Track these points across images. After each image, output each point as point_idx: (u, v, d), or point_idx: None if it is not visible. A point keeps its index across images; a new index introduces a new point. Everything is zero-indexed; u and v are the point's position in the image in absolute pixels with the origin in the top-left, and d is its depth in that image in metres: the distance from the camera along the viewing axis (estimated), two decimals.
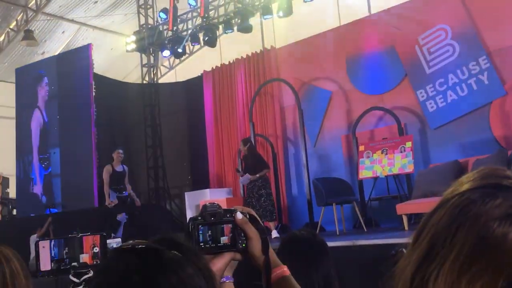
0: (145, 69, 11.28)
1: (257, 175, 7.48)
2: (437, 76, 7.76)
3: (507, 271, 0.51)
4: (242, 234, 0.87)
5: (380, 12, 8.47)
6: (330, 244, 5.66)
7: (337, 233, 6.72)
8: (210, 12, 9.65)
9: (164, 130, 10.91)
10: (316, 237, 1.94)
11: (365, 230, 6.81)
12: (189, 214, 9.20)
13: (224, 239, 0.85)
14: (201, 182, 10.07)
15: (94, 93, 9.43)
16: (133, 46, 10.84)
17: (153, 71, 11.32)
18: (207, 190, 9.09)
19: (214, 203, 0.89)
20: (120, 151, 8.34)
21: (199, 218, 0.86)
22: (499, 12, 7.19)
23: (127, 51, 10.98)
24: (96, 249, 1.64)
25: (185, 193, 9.51)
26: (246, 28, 9.13)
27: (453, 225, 0.56)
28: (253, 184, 7.52)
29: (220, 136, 10.26)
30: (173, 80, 11.72)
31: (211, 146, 10.34)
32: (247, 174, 7.55)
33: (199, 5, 9.52)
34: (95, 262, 1.64)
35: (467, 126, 7.39)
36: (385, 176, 7.08)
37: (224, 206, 0.89)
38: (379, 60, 8.37)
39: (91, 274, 1.57)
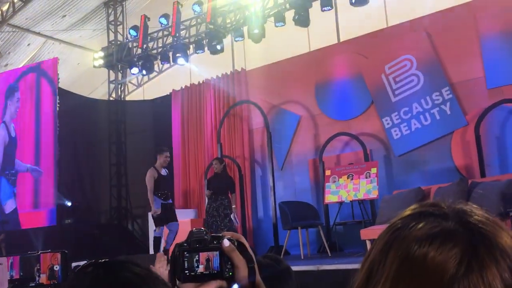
0: (112, 86, 11.12)
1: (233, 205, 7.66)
2: (402, 105, 7.96)
3: None
4: (229, 262, 0.83)
5: (349, 40, 8.68)
6: (295, 268, 5.63)
7: (302, 257, 6.71)
8: (182, 32, 9.65)
9: (129, 148, 10.72)
10: (281, 263, 1.91)
11: (329, 254, 6.83)
12: (152, 235, 9.00)
13: (210, 267, 0.81)
14: None
15: (58, 108, 9.21)
16: (101, 62, 10.70)
17: (120, 88, 11.17)
18: None
19: (201, 228, 0.85)
20: (168, 153, 7.46)
21: (185, 244, 0.82)
22: (462, 46, 7.48)
23: (94, 66, 10.82)
24: (56, 267, 1.55)
25: (149, 213, 9.30)
26: (216, 50, 9.16)
27: (384, 250, 0.60)
28: (220, 203, 7.52)
29: (186, 157, 10.15)
30: (140, 98, 11.60)
31: (177, 166, 10.21)
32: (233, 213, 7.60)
33: (170, 24, 9.51)
34: (51, 283, 1.55)
35: (430, 154, 7.57)
36: (350, 201, 7.15)
37: (187, 227, 0.86)
38: (347, 87, 8.53)
39: None
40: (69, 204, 9.21)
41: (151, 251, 7.44)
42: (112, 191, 10.49)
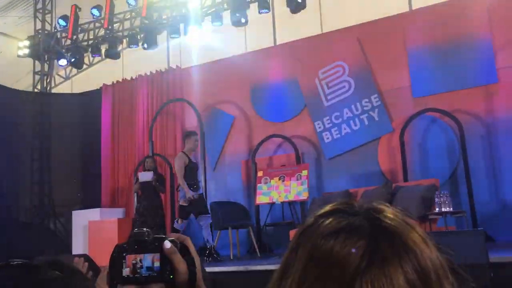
0: (37, 77, 10.55)
1: (157, 184, 7.56)
2: (334, 110, 8.19)
3: (333, 285, 0.55)
4: (170, 265, 0.81)
5: (285, 44, 8.80)
6: (224, 269, 5.63)
7: (231, 258, 6.70)
8: (115, 25, 9.34)
9: (54, 143, 10.20)
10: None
11: (259, 255, 6.87)
12: (76, 234, 8.63)
13: (150, 269, 0.78)
14: (92, 200, 9.51)
15: None
16: (26, 51, 10.12)
17: (46, 79, 10.62)
18: (98, 210, 8.62)
19: (143, 229, 0.82)
20: (197, 137, 6.62)
21: (125, 245, 0.78)
22: (391, 56, 7.83)
23: (18, 56, 10.20)
24: None
25: (73, 211, 8.92)
26: (151, 45, 8.95)
27: (295, 247, 0.62)
28: (149, 202, 7.51)
29: (116, 154, 9.82)
30: (69, 91, 11.08)
31: (106, 163, 9.86)
32: (150, 173, 7.48)
33: (103, 16, 9.18)
34: None
35: (358, 158, 7.85)
36: (281, 202, 7.24)
37: (115, 226, 0.83)
38: (281, 90, 8.64)
39: None
40: None
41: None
42: (33, 187, 9.94)
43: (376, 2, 8.10)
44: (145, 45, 8.97)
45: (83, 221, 8.38)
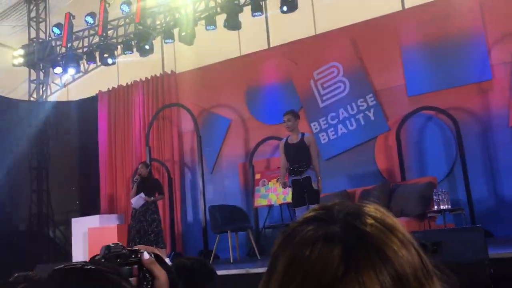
0: (33, 86, 10.54)
1: (152, 198, 7.30)
2: (329, 110, 8.21)
3: None
4: (147, 275, 0.84)
5: (279, 46, 8.82)
6: (224, 272, 5.63)
7: (231, 261, 6.71)
8: (109, 32, 9.34)
9: (52, 152, 10.20)
10: (206, 266, 1.92)
11: (259, 257, 6.87)
12: (75, 242, 8.61)
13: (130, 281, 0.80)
14: (90, 208, 9.50)
15: None
16: (21, 60, 10.11)
17: (42, 88, 10.61)
18: (97, 217, 8.60)
19: (118, 243, 0.84)
20: (285, 117, 5.85)
21: (102, 260, 0.80)
22: (385, 55, 7.85)
23: (13, 65, 10.20)
24: None
25: (72, 219, 8.91)
26: (145, 51, 8.96)
27: (275, 256, 0.61)
28: (147, 207, 7.34)
29: (113, 160, 9.82)
30: (65, 99, 11.08)
31: (103, 170, 9.85)
32: (141, 193, 7.28)
33: (97, 23, 9.18)
34: None
35: (355, 158, 7.86)
36: (279, 204, 7.25)
37: (114, 232, 0.86)
38: (277, 91, 8.66)
39: None
40: None
41: None
42: (32, 196, 9.93)
43: (368, 1, 8.13)
44: (139, 51, 8.97)
45: (82, 228, 8.37)
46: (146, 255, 0.84)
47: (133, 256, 0.83)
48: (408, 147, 7.43)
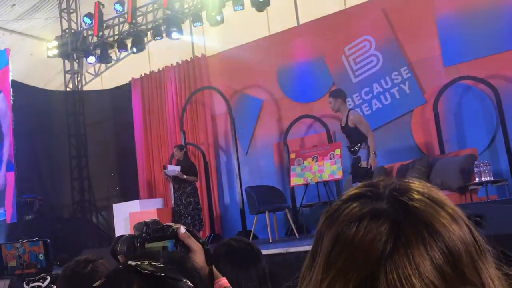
0: (68, 76, 10.78)
1: (185, 176, 7.45)
2: (363, 85, 8.06)
3: (357, 272, 0.54)
4: (183, 248, 0.89)
5: (308, 23, 8.68)
6: (264, 252, 5.67)
7: (270, 241, 6.76)
8: (138, 18, 9.40)
9: (89, 140, 10.46)
10: (253, 246, 1.95)
11: (297, 236, 6.89)
12: (118, 227, 8.85)
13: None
14: (130, 193, 9.74)
15: (12, 101, 8.85)
16: (55, 51, 10.33)
17: (77, 78, 10.84)
18: (137, 201, 8.79)
19: (155, 219, 0.90)
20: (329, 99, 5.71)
21: (144, 235, 0.85)
22: (418, 25, 7.61)
23: (48, 56, 10.43)
24: (41, 256, 1.53)
25: (113, 205, 9.15)
26: (175, 36, 8.99)
27: (320, 234, 0.60)
28: (182, 191, 7.50)
29: (149, 145, 10.00)
30: (99, 88, 11.29)
31: (140, 155, 10.04)
32: (179, 167, 7.46)
33: (126, 10, 9.25)
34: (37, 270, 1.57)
35: (391, 133, 7.72)
36: (316, 182, 7.22)
37: (155, 217, 0.90)
38: (308, 69, 8.55)
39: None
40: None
41: None
42: (73, 184, 10.24)
43: None
44: (169, 36, 9.01)
45: (123, 213, 8.58)
46: (182, 229, 0.89)
47: (170, 231, 0.88)
48: (446, 119, 7.23)
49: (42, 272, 1.50)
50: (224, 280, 0.99)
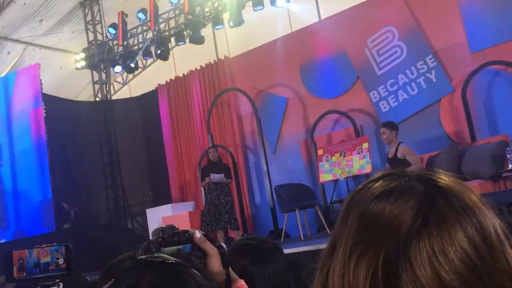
0: (97, 86, 11.04)
1: (228, 180, 7.65)
2: (388, 77, 7.95)
3: (386, 246, 0.54)
4: (200, 252, 0.91)
5: (330, 18, 8.62)
6: (296, 250, 5.67)
7: (302, 238, 6.75)
8: (161, 25, 9.55)
9: (120, 147, 10.68)
10: (266, 242, 1.96)
11: (329, 233, 6.86)
12: (152, 231, 9.01)
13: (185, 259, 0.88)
14: (163, 197, 9.91)
15: (44, 114, 9.13)
16: (83, 63, 10.59)
17: (105, 87, 11.09)
18: (169, 206, 8.95)
19: (171, 224, 0.92)
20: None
21: (160, 239, 0.88)
22: (442, 12, 7.45)
23: (77, 68, 10.71)
24: (61, 261, 1.58)
25: (147, 210, 9.32)
26: (198, 40, 9.08)
27: (345, 213, 0.60)
28: (221, 190, 7.57)
29: (179, 150, 10.14)
30: (127, 96, 11.52)
31: (171, 160, 10.20)
32: (221, 174, 7.57)
33: (148, 18, 9.41)
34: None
35: (420, 123, 7.59)
36: (345, 178, 7.17)
37: (187, 220, 0.92)
38: (331, 65, 8.50)
39: None
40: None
41: None
42: (108, 191, 10.48)
43: None
44: (192, 40, 9.10)
45: (157, 217, 8.73)
46: (197, 234, 0.91)
47: (186, 235, 0.90)
48: (475, 106, 7.06)
49: (59, 277, 1.55)
50: (241, 282, 0.99)
